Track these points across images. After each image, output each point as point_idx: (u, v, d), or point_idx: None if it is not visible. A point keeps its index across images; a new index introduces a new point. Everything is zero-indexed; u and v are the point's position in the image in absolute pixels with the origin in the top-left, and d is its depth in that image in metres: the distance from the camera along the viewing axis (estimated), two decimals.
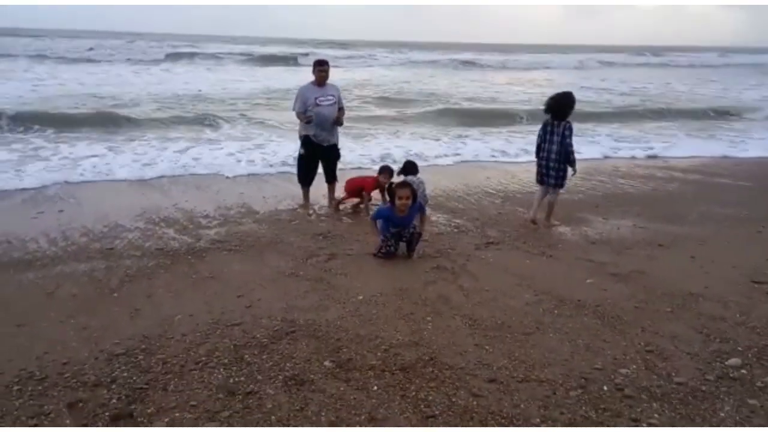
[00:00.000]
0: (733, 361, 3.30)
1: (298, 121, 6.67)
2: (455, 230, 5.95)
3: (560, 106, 5.85)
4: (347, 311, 3.93)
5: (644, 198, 7.63)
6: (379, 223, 5.12)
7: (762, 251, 5.30)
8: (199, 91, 19.48)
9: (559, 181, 6.02)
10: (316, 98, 6.43)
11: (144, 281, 4.45)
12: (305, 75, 7.40)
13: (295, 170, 7.09)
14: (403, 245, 5.10)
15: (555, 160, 5.91)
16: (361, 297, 4.17)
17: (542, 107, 6.13)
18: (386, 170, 6.50)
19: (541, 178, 6.13)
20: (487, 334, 3.62)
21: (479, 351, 3.40)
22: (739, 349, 3.45)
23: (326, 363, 3.23)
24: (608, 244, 5.57)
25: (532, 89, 23.94)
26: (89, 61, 31.37)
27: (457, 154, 10.54)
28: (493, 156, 10.60)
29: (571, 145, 5.86)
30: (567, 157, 5.88)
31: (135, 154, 9.54)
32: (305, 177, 6.81)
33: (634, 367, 3.25)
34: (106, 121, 12.47)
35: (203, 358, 3.27)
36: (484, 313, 3.92)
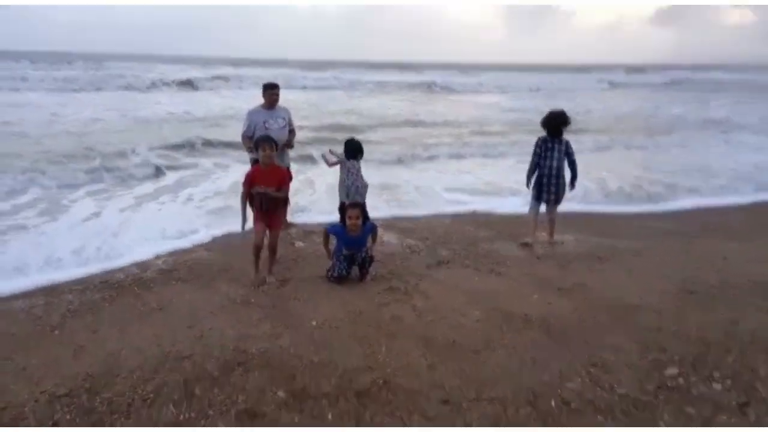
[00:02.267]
0: (671, 370, 3.49)
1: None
2: (407, 250, 6.04)
3: (558, 124, 5.92)
4: (301, 338, 3.92)
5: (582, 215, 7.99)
6: (333, 243, 5.14)
7: (692, 262, 5.64)
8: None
9: (559, 197, 6.09)
10: (264, 121, 6.40)
11: (88, 316, 4.29)
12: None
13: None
14: (355, 268, 5.14)
15: (555, 176, 5.98)
16: (314, 322, 4.16)
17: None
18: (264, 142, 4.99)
19: (540, 194, 6.12)
20: (439, 354, 3.69)
21: (432, 372, 3.47)
22: (676, 358, 3.65)
23: (280, 393, 3.21)
24: (552, 258, 5.79)
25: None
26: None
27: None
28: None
29: (576, 162, 6.05)
30: (573, 173, 6.03)
31: None
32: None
33: (579, 380, 3.39)
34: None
35: (151, 395, 3.18)
36: (436, 333, 4.00)
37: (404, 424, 2.94)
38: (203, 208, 7.79)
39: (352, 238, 5.03)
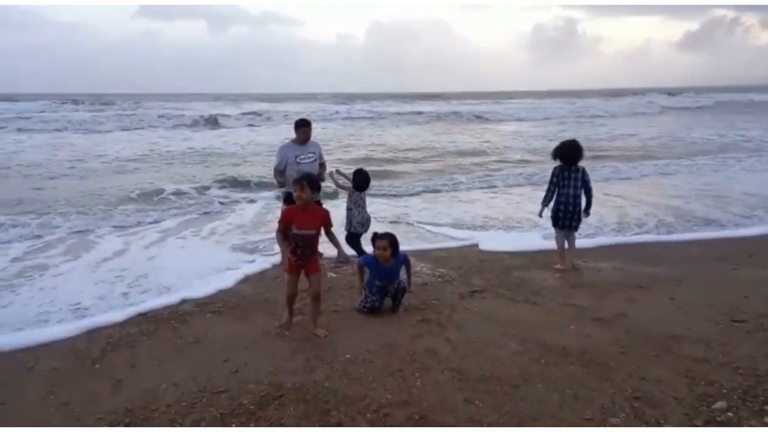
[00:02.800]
0: (719, 404, 3.34)
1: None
2: (439, 280, 5.99)
3: (574, 153, 6.07)
4: (335, 371, 3.90)
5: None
6: (366, 274, 5.15)
7: (738, 289, 5.42)
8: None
9: (578, 223, 6.22)
10: (296, 156, 6.55)
11: (126, 350, 4.37)
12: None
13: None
14: (388, 300, 5.11)
15: (573, 204, 6.10)
16: (348, 355, 4.14)
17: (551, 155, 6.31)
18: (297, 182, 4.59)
19: (561, 222, 6.21)
20: (475, 388, 3.62)
21: (469, 407, 3.39)
22: (724, 391, 3.49)
23: (316, 429, 3.18)
24: (589, 287, 5.66)
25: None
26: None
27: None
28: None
29: (591, 189, 6.20)
30: (588, 201, 6.16)
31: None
32: None
33: (623, 415, 3.27)
34: None
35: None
36: (471, 366, 3.92)
37: None
38: (233, 243, 7.91)
39: (385, 269, 5.03)
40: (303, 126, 6.68)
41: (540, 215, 6.32)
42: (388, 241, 5.05)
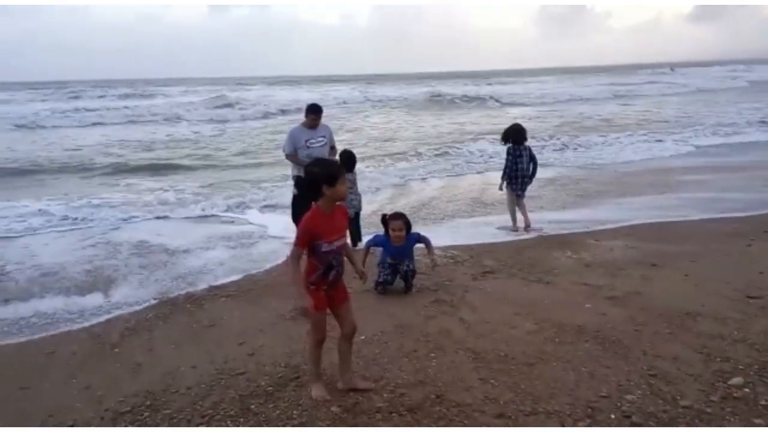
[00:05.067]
0: (736, 380, 3.33)
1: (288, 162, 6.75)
2: (451, 261, 6.00)
3: (520, 134, 7.26)
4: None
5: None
6: (379, 253, 5.17)
7: (753, 265, 5.38)
8: None
9: (525, 190, 7.39)
10: (306, 140, 6.53)
11: (144, 334, 4.43)
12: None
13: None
14: (400, 281, 5.13)
15: (525, 177, 7.29)
16: (363, 337, 4.16)
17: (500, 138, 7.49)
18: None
19: (516, 188, 7.27)
20: (491, 367, 3.63)
21: (485, 386, 3.41)
22: (741, 367, 3.48)
23: (333, 408, 3.22)
24: (602, 266, 5.64)
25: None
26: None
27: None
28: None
29: (536, 161, 7.49)
30: (534, 170, 7.39)
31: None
32: (299, 216, 6.82)
33: (639, 392, 3.27)
34: None
35: (209, 411, 3.25)
36: (486, 346, 3.94)
37: None
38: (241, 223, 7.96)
39: (397, 247, 5.05)
40: (313, 112, 6.63)
41: (500, 189, 7.38)
42: (402, 221, 5.06)
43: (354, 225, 6.70)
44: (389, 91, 41.20)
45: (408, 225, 5.12)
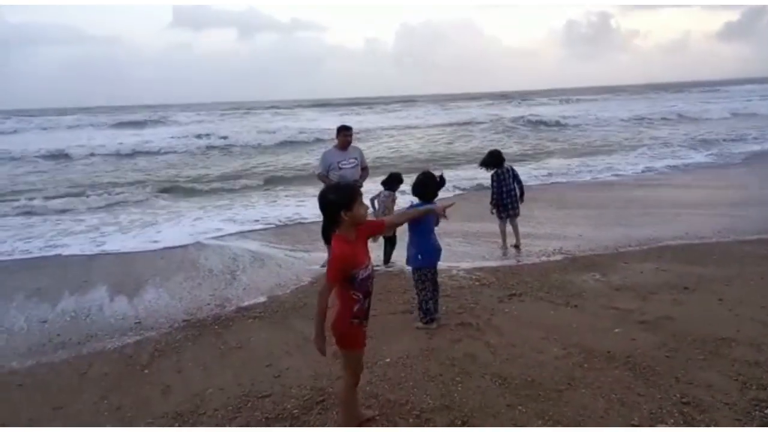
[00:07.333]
0: None
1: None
2: (476, 283, 5.96)
3: (499, 159, 7.45)
4: (375, 376, 3.92)
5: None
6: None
7: None
8: None
9: (517, 210, 7.52)
10: (338, 162, 6.69)
11: (173, 355, 4.51)
12: None
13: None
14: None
15: (514, 196, 7.48)
16: (388, 360, 4.16)
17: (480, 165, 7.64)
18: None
19: (506, 213, 7.46)
20: (518, 393, 3.58)
21: (512, 412, 3.37)
22: None
23: None
24: (632, 289, 5.52)
25: None
26: None
27: None
28: None
29: (521, 181, 7.63)
30: (521, 191, 7.56)
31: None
32: (328, 234, 6.91)
33: (672, 421, 3.18)
34: None
35: None
36: (513, 371, 3.89)
37: None
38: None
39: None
40: (344, 131, 6.83)
41: (492, 213, 7.55)
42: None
43: (390, 245, 6.77)
44: (467, 114, 37.35)
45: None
